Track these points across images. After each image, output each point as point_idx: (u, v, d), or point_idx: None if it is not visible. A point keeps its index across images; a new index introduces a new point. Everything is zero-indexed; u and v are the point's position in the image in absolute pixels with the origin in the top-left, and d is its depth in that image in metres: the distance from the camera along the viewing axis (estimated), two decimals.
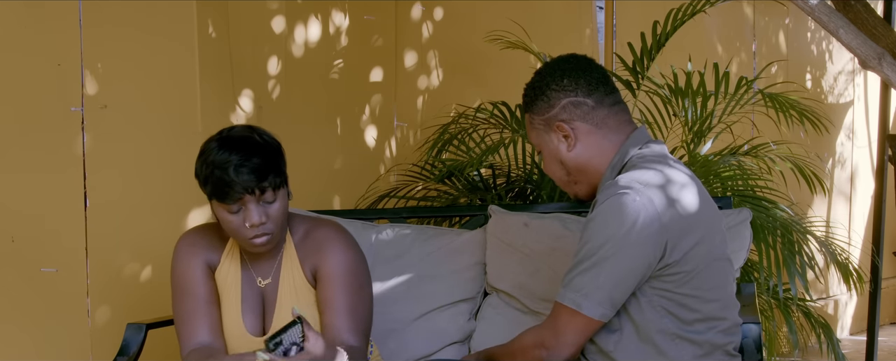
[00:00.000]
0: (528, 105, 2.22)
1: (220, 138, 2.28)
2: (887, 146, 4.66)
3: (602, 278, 2.04)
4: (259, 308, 2.40)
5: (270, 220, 2.26)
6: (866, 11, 3.17)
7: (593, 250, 2.04)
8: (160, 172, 3.22)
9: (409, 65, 4.01)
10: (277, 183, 2.26)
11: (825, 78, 5.97)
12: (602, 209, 2.05)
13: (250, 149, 2.23)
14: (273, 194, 2.26)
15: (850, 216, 6.15)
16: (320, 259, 2.35)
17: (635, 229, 2.02)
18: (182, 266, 2.41)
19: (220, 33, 3.32)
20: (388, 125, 3.93)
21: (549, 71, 2.20)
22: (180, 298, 2.39)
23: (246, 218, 2.25)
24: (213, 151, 2.25)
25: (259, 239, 2.28)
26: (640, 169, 2.10)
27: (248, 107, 3.40)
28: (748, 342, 2.28)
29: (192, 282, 2.39)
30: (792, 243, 3.21)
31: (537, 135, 2.22)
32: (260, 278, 2.40)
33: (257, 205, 2.25)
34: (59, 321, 3.06)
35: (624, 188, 2.05)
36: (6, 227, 2.98)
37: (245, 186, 2.21)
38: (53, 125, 3.04)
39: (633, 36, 3.62)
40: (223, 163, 2.22)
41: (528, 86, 2.22)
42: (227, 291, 2.40)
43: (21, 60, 2.98)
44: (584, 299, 2.05)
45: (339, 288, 2.33)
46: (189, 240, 2.43)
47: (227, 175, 2.21)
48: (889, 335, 5.96)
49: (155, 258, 3.20)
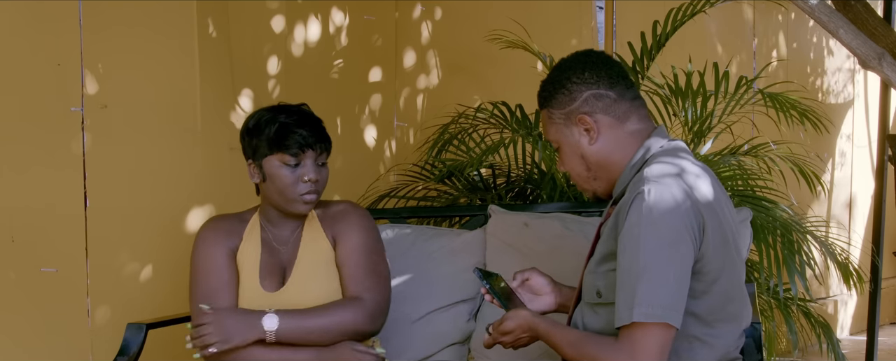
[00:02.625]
0: (546, 100, 2.17)
1: (272, 107, 2.50)
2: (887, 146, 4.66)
3: (671, 281, 1.96)
4: (279, 269, 2.56)
5: (320, 180, 2.49)
6: (866, 11, 3.16)
7: (650, 256, 1.95)
8: (160, 172, 3.22)
9: (409, 64, 4.01)
10: (329, 147, 2.51)
11: (825, 78, 5.97)
12: (646, 208, 1.97)
13: (308, 115, 2.50)
14: (327, 155, 2.50)
15: (850, 216, 6.15)
16: (339, 225, 2.56)
17: (682, 223, 1.96)
18: (206, 250, 2.55)
19: (220, 33, 3.32)
20: (388, 125, 3.93)
21: (570, 64, 2.15)
22: (203, 278, 2.53)
23: (304, 173, 2.46)
24: (271, 111, 2.48)
25: (310, 196, 2.48)
26: (671, 161, 2.06)
27: (248, 107, 3.40)
28: (748, 342, 2.28)
29: (215, 265, 2.53)
30: (792, 243, 3.21)
31: (556, 131, 2.16)
32: (279, 246, 2.58)
33: (312, 163, 2.47)
34: (59, 321, 3.06)
35: (663, 182, 1.99)
36: (6, 227, 2.98)
37: (307, 139, 2.44)
38: (53, 125, 3.04)
39: (633, 36, 3.62)
40: (288, 118, 2.45)
41: (546, 82, 2.17)
42: (248, 265, 2.55)
43: (21, 60, 2.98)
44: (661, 309, 1.94)
45: (357, 251, 2.53)
46: (212, 227, 2.59)
47: (294, 127, 2.43)
48: (889, 335, 5.96)
49: (155, 258, 3.20)
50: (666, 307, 1.94)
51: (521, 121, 3.54)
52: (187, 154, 3.28)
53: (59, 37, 3.03)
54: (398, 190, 3.69)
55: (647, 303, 1.94)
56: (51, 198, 3.04)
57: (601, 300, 2.10)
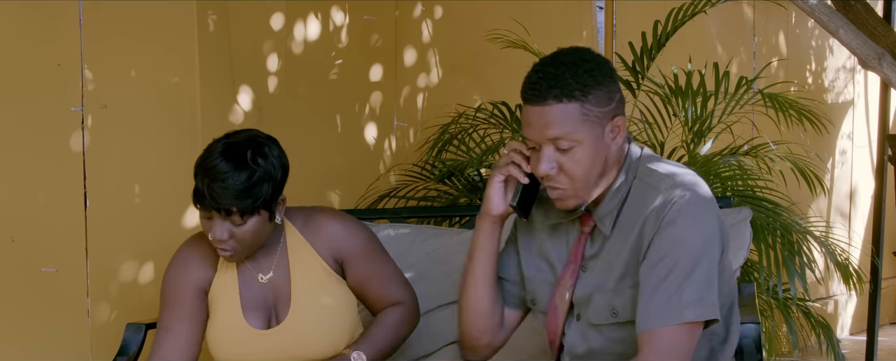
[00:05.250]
0: (580, 92, 1.96)
1: (224, 143, 2.28)
2: (887, 146, 4.66)
3: (714, 281, 1.94)
4: (267, 303, 2.39)
5: (234, 239, 2.27)
6: (866, 11, 3.16)
7: (694, 256, 1.92)
8: (160, 172, 3.22)
9: (409, 64, 4.01)
10: (249, 209, 2.24)
11: (825, 77, 5.97)
12: (685, 208, 1.93)
13: (237, 168, 2.22)
14: (241, 218, 2.25)
15: (850, 216, 6.15)
16: (341, 247, 2.41)
17: (717, 223, 1.97)
18: (170, 280, 2.42)
19: (220, 33, 3.32)
20: (388, 124, 3.93)
21: (602, 60, 2.02)
22: (162, 309, 2.41)
23: (210, 229, 2.27)
24: (210, 153, 2.27)
25: (221, 252, 2.31)
26: (673, 164, 2.07)
27: (248, 107, 3.40)
28: (748, 342, 2.28)
29: (175, 298, 2.39)
30: (792, 243, 3.21)
31: (589, 128, 1.97)
32: (260, 274, 2.40)
33: (223, 222, 2.25)
34: (59, 321, 3.06)
35: (694, 183, 1.98)
36: (6, 227, 2.98)
37: (212, 203, 2.22)
38: (53, 125, 3.04)
39: (633, 36, 3.62)
40: (205, 172, 2.24)
41: (582, 72, 1.97)
42: (225, 297, 2.39)
43: (21, 60, 2.98)
44: (711, 306, 1.93)
45: (371, 263, 2.45)
46: (184, 255, 2.43)
47: (203, 186, 2.22)
48: (889, 335, 5.96)
49: (155, 258, 3.19)
50: (714, 304, 1.93)
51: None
52: (187, 154, 3.27)
53: (59, 37, 3.03)
54: (398, 190, 3.69)
55: (700, 303, 1.91)
56: (51, 198, 3.04)
57: (615, 319, 2.04)
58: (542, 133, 1.98)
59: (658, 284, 1.92)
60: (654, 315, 1.91)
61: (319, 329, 2.36)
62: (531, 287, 2.19)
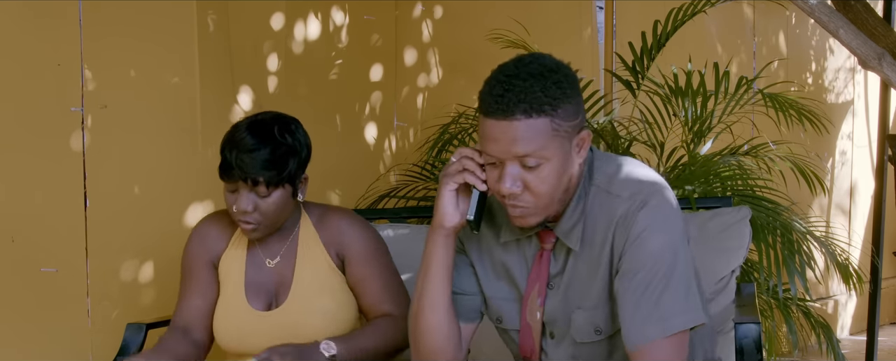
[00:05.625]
0: (550, 106, 1.84)
1: (250, 119, 2.37)
2: (887, 146, 4.66)
3: (693, 283, 1.88)
4: (268, 287, 2.45)
5: (259, 212, 2.33)
6: (866, 11, 3.16)
7: (669, 265, 1.86)
8: (160, 172, 3.22)
9: (409, 64, 4.01)
10: (274, 181, 2.31)
11: (825, 77, 5.97)
12: (656, 215, 1.87)
13: (263, 141, 2.31)
14: (267, 189, 2.32)
15: (850, 216, 6.15)
16: (345, 243, 2.44)
17: (682, 222, 1.91)
18: (188, 253, 2.51)
19: (220, 33, 3.32)
20: (388, 124, 3.93)
21: (568, 70, 1.90)
22: (181, 280, 2.51)
23: (235, 201, 2.32)
24: (236, 129, 2.35)
25: (244, 225, 2.36)
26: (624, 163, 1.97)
27: (248, 107, 3.40)
28: (748, 342, 2.28)
29: (191, 270, 2.49)
30: (792, 243, 3.21)
31: (558, 145, 1.87)
32: (268, 259, 2.46)
33: (249, 194, 2.32)
34: (59, 321, 3.06)
35: (655, 186, 1.90)
36: (6, 227, 2.98)
37: (240, 173, 2.29)
38: (53, 125, 3.04)
39: (633, 36, 3.62)
40: (233, 144, 2.31)
41: (550, 84, 1.85)
42: (231, 275, 2.46)
43: (21, 60, 2.98)
44: (695, 312, 1.87)
45: (371, 267, 2.44)
46: (201, 230, 2.52)
47: (231, 157, 2.30)
48: (889, 335, 5.96)
49: (155, 258, 3.19)
50: (697, 307, 1.88)
51: None
52: (187, 154, 3.28)
53: (59, 37, 3.03)
54: (398, 190, 3.69)
55: (681, 312, 1.85)
56: (51, 198, 3.04)
57: (600, 337, 1.99)
58: (509, 150, 1.85)
59: (638, 298, 1.86)
60: (639, 331, 1.86)
61: (313, 319, 2.38)
62: (495, 305, 2.09)
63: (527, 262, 2.03)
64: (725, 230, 2.59)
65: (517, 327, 2.07)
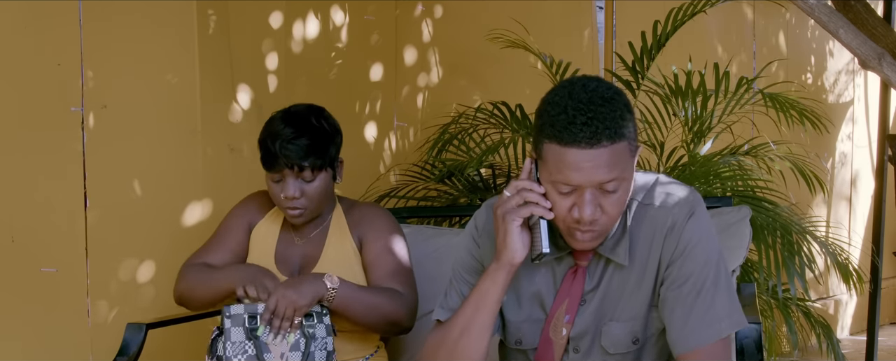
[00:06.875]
0: (625, 128, 1.83)
1: (284, 112, 2.53)
2: (887, 146, 4.66)
3: (733, 288, 1.96)
4: (295, 261, 2.61)
5: (305, 196, 2.50)
6: (866, 11, 3.17)
7: (716, 271, 1.92)
8: (160, 172, 3.22)
9: (409, 63, 4.01)
10: (318, 165, 2.49)
11: (825, 78, 5.97)
12: (698, 224, 1.93)
13: (302, 129, 2.47)
14: (311, 174, 2.49)
15: (850, 216, 6.15)
16: (364, 224, 2.61)
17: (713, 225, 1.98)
18: (233, 213, 2.68)
19: (220, 33, 3.32)
20: (388, 124, 3.93)
21: (618, 89, 1.89)
22: (213, 238, 2.66)
23: (282, 189, 2.47)
24: (273, 122, 2.51)
25: (292, 211, 2.52)
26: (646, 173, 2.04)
27: (248, 106, 3.40)
28: (748, 342, 2.28)
29: (230, 227, 2.65)
30: (792, 243, 3.21)
31: (632, 165, 1.88)
32: (297, 238, 2.62)
33: (295, 180, 2.48)
34: (59, 321, 3.06)
35: (694, 195, 1.96)
36: (6, 227, 2.98)
37: (286, 161, 2.45)
38: (53, 125, 3.04)
39: (633, 36, 3.62)
40: (275, 136, 2.46)
41: (620, 106, 1.83)
42: (261, 245, 2.63)
43: (21, 60, 2.98)
44: (736, 315, 1.94)
45: (385, 250, 2.57)
46: (247, 201, 2.70)
47: (274, 147, 2.45)
48: (889, 335, 5.96)
49: (155, 257, 3.20)
50: (740, 311, 1.95)
51: (521, 121, 3.54)
52: (187, 154, 3.28)
53: (59, 37, 3.03)
54: (398, 190, 3.69)
55: (730, 314, 1.92)
56: (51, 198, 3.04)
57: (636, 347, 1.99)
58: (593, 177, 1.82)
59: (691, 304, 1.90)
60: (693, 335, 1.90)
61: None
62: (514, 328, 2.07)
63: (556, 282, 2.02)
64: (725, 230, 2.59)
65: (536, 345, 2.06)
